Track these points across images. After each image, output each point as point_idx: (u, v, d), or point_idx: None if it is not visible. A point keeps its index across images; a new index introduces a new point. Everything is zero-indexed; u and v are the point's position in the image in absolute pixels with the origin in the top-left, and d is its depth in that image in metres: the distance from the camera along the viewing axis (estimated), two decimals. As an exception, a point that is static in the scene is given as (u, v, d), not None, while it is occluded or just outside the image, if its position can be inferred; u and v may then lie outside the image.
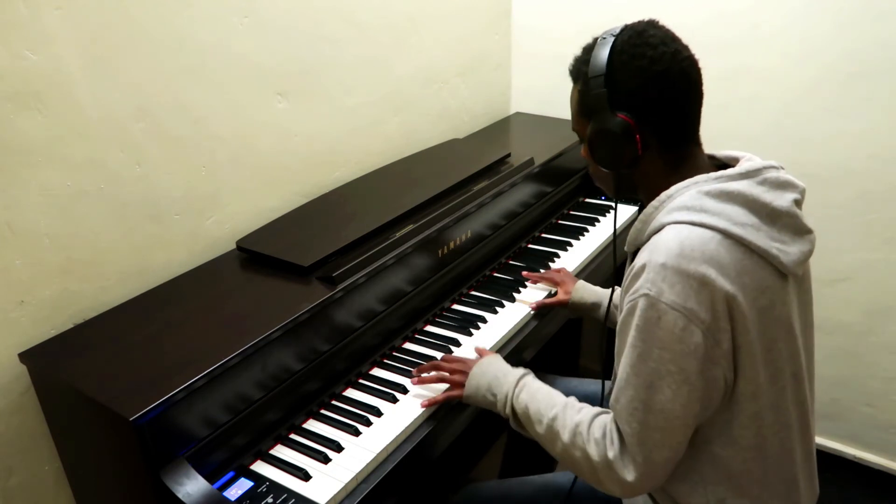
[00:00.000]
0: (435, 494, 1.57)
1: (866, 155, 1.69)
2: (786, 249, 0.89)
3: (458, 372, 1.17)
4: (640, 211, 0.99)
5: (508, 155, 1.75)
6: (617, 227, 1.79)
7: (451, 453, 1.26)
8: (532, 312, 1.44)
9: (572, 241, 1.73)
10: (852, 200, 1.74)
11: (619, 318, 0.93)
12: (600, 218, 1.87)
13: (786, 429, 0.94)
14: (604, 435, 0.94)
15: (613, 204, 1.91)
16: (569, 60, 1.02)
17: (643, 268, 0.87)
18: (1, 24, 0.99)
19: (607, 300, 1.37)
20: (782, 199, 0.91)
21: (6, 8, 0.99)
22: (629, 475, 0.91)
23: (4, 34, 1.00)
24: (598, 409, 1.00)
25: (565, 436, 0.98)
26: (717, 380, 0.88)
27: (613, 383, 0.96)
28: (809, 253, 0.93)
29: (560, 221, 1.88)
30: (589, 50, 0.97)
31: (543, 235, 1.79)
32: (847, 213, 1.76)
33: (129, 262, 1.24)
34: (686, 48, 0.94)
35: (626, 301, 0.90)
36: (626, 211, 1.92)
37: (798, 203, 0.93)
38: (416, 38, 1.80)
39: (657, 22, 0.96)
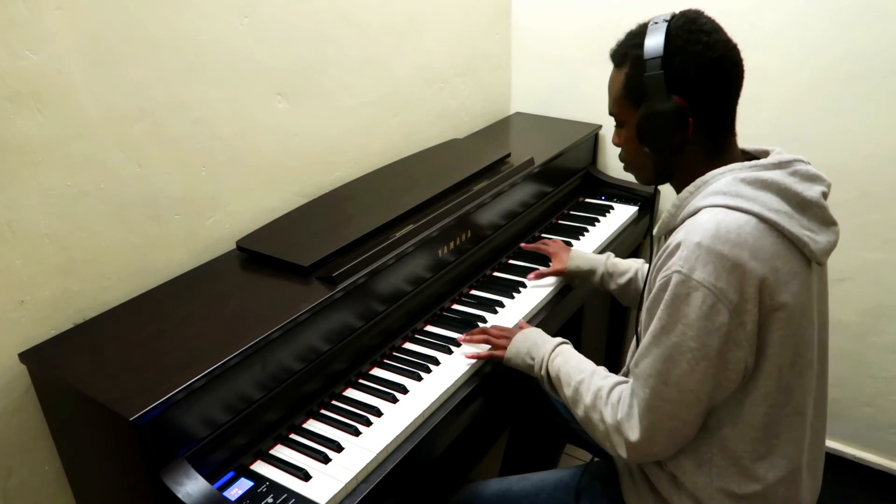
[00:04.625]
0: (435, 494, 1.57)
1: (866, 155, 1.69)
2: (815, 238, 0.92)
3: (504, 337, 1.26)
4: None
5: (508, 155, 1.75)
6: (614, 230, 1.81)
7: (451, 453, 1.26)
8: (532, 312, 1.44)
9: (572, 241, 1.74)
10: (852, 200, 1.74)
11: (650, 296, 0.95)
12: (600, 218, 1.87)
13: (798, 415, 0.96)
14: (619, 399, 1.00)
15: (624, 199, 1.94)
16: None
17: (678, 246, 0.90)
18: (1, 24, 0.99)
19: (601, 266, 1.47)
20: (812, 191, 0.94)
21: (6, 8, 0.99)
22: (633, 435, 0.96)
23: (4, 34, 1.00)
24: (621, 377, 1.06)
25: (588, 398, 1.04)
26: (737, 361, 0.90)
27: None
28: (835, 244, 0.97)
29: (560, 221, 1.88)
30: (637, 35, 0.98)
31: (543, 235, 1.79)
32: (847, 213, 1.75)
33: (129, 262, 1.24)
34: (731, 39, 0.96)
35: (659, 278, 0.92)
36: (624, 212, 1.92)
37: (825, 196, 0.97)
38: (416, 38, 1.80)
39: (703, 12, 0.98)
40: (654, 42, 0.94)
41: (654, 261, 0.97)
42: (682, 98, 0.94)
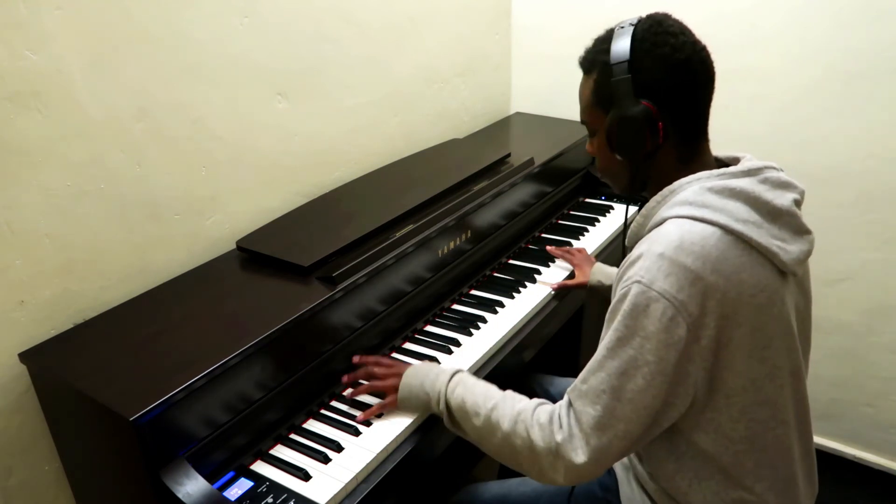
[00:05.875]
0: (435, 494, 1.57)
1: (866, 155, 1.69)
2: (786, 248, 0.90)
3: (392, 376, 1.16)
4: (639, 209, 0.99)
5: (508, 155, 1.75)
6: (614, 230, 1.81)
7: (451, 453, 1.26)
8: (533, 312, 1.44)
9: (572, 241, 1.73)
10: (852, 200, 1.74)
11: (610, 305, 0.92)
12: (600, 218, 1.87)
13: (783, 425, 0.94)
14: (550, 420, 0.93)
15: (622, 198, 1.94)
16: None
17: (640, 256, 0.88)
18: (1, 24, 0.99)
19: None
20: (783, 199, 0.91)
21: (6, 8, 0.99)
22: (579, 458, 0.89)
23: (4, 34, 1.00)
24: (539, 399, 0.99)
25: (505, 424, 0.96)
26: (687, 375, 0.87)
27: None
28: (809, 253, 0.94)
29: (560, 221, 1.88)
30: (604, 41, 0.97)
31: (543, 235, 1.79)
32: (847, 213, 1.76)
33: (129, 262, 1.24)
34: (699, 41, 0.95)
35: (619, 288, 0.90)
36: (623, 212, 1.91)
37: (798, 203, 0.94)
38: (416, 38, 1.80)
39: (670, 15, 0.97)
40: (621, 46, 0.93)
41: (618, 271, 0.95)
42: (651, 102, 0.92)
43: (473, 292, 1.53)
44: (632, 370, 0.86)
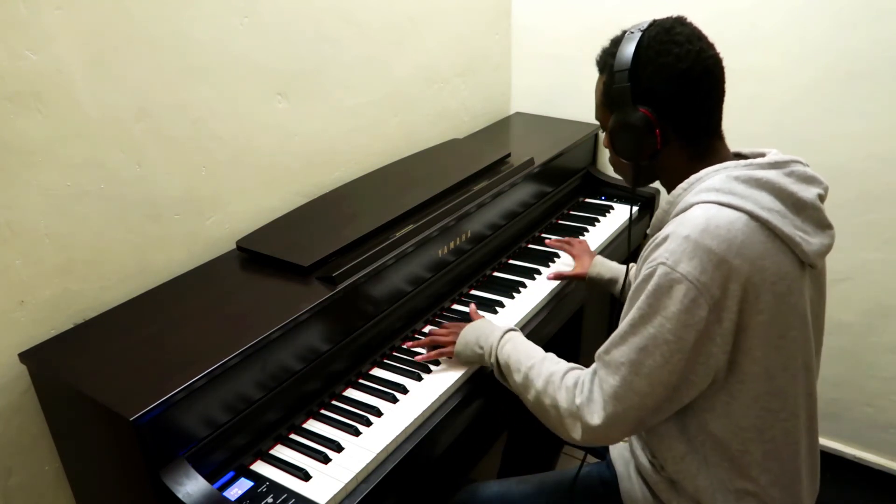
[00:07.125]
0: (435, 494, 1.57)
1: (866, 155, 1.69)
2: (808, 239, 0.92)
3: (452, 333, 1.27)
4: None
5: (508, 155, 1.75)
6: (614, 230, 1.81)
7: (451, 453, 1.26)
8: (533, 312, 1.44)
9: (572, 241, 1.73)
10: (852, 200, 1.74)
11: (634, 284, 0.94)
12: (600, 218, 1.87)
13: (793, 418, 0.96)
14: (575, 384, 1.00)
15: (622, 199, 1.94)
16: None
17: (666, 238, 0.90)
18: (1, 24, 0.99)
19: (623, 276, 1.43)
20: (807, 192, 0.94)
21: (6, 8, 0.99)
22: (594, 420, 0.95)
23: (4, 34, 1.00)
24: (574, 364, 1.05)
25: (539, 384, 1.04)
26: (709, 356, 0.89)
27: None
28: (829, 247, 0.96)
29: (560, 221, 1.88)
30: (616, 42, 0.98)
31: (543, 235, 1.79)
32: (847, 213, 1.76)
33: (129, 262, 1.24)
34: (711, 46, 0.96)
35: (645, 268, 0.92)
36: (625, 212, 1.92)
37: (821, 198, 0.97)
38: (416, 38, 1.80)
39: (685, 19, 0.98)
40: (625, 53, 0.95)
41: (643, 252, 0.97)
42: (650, 108, 0.94)
43: (473, 292, 1.53)
44: (651, 347, 0.90)
